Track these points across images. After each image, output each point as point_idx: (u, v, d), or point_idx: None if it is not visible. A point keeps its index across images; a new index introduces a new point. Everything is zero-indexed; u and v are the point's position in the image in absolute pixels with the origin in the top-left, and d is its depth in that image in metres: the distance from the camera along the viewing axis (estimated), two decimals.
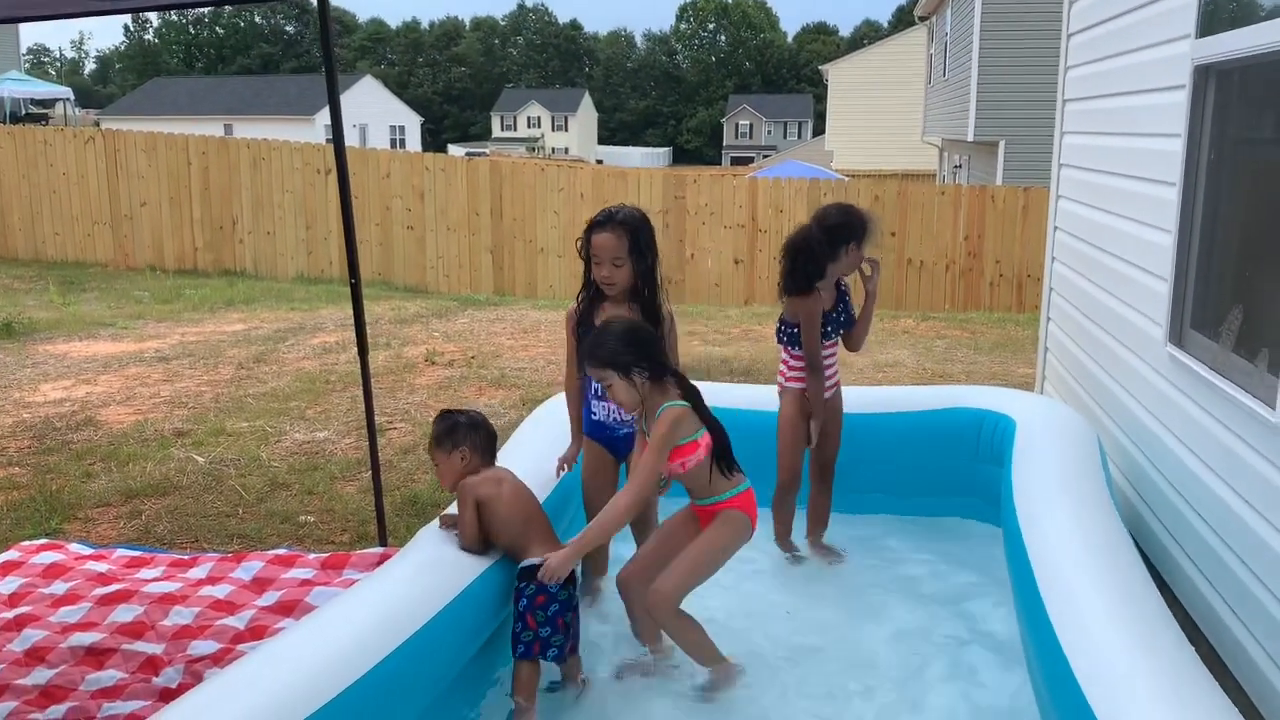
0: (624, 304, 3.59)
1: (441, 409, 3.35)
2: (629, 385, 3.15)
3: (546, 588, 3.06)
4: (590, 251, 3.55)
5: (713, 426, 3.22)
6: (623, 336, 3.17)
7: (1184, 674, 2.48)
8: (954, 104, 20.35)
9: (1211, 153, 3.68)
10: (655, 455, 3.11)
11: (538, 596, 3.06)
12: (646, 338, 3.23)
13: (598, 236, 3.52)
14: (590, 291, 3.62)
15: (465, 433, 3.25)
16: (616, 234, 3.50)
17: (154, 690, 3.28)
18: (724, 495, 3.29)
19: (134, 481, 5.48)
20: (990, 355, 9.32)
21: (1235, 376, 3.29)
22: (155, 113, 46.73)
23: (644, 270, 3.55)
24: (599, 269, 3.53)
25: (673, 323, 3.67)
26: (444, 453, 3.26)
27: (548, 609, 3.07)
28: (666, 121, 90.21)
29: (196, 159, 14.83)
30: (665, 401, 3.16)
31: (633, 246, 3.52)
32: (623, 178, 14.50)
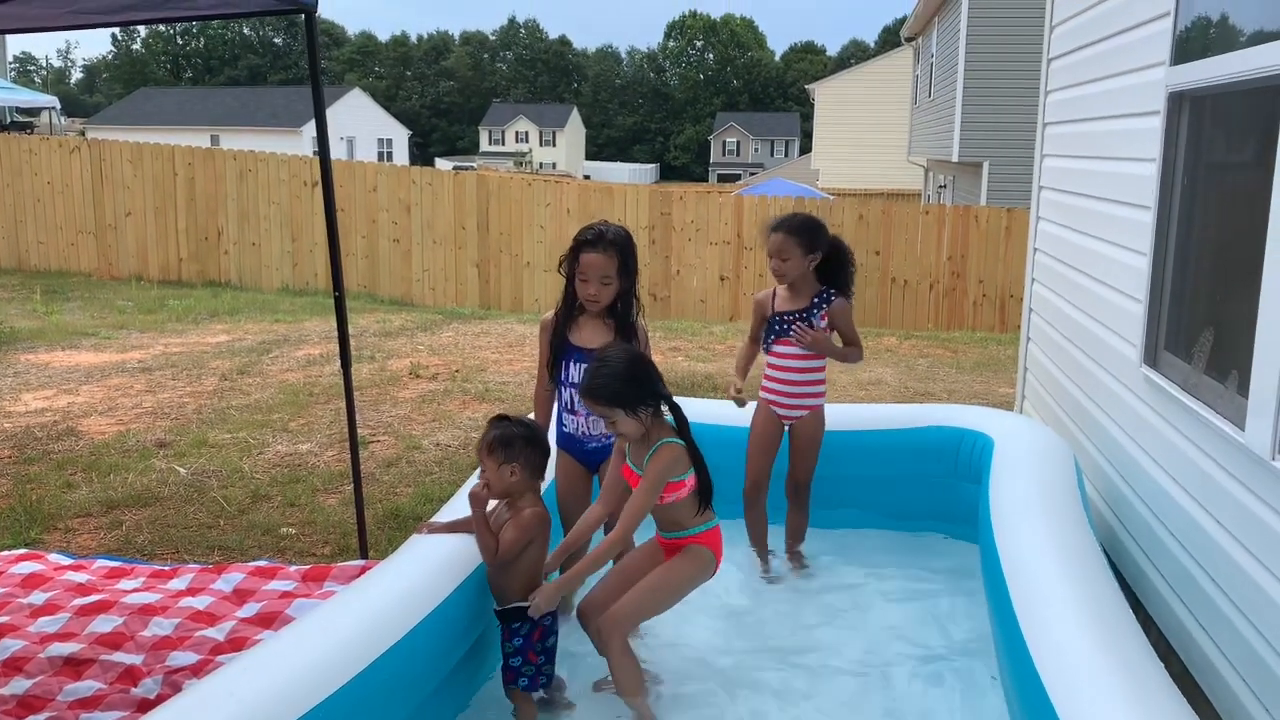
0: (601, 319, 3.62)
1: (498, 414, 3.21)
2: (634, 420, 3.13)
3: (543, 621, 3.09)
4: (578, 269, 3.58)
5: (699, 466, 3.22)
6: (625, 376, 3.13)
7: (1153, 690, 2.51)
8: (939, 124, 20.52)
9: (1185, 177, 3.75)
10: (649, 493, 3.12)
11: (534, 633, 3.08)
12: (648, 372, 3.20)
13: (588, 256, 3.54)
14: (569, 305, 3.65)
15: (521, 448, 3.09)
16: (608, 254, 3.53)
17: (132, 701, 3.27)
18: (693, 530, 3.30)
19: (115, 492, 5.47)
20: (972, 374, 9.39)
21: (1207, 398, 3.34)
22: (141, 123, 46.62)
23: (626, 287, 3.59)
24: (586, 287, 3.56)
25: (646, 338, 3.71)
26: (495, 461, 3.09)
27: (546, 640, 3.11)
28: (654, 138, 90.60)
29: (182, 169, 14.82)
30: (662, 437, 3.16)
31: (621, 267, 3.56)
32: (609, 193, 14.56)
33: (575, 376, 3.64)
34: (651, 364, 3.27)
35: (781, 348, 4.22)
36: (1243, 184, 3.35)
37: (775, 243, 4.13)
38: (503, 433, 3.11)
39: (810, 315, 4.20)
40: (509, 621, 3.11)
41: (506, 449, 3.08)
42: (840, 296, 4.24)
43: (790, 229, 4.13)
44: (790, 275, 4.16)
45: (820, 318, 4.19)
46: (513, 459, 3.08)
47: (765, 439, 4.23)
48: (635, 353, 3.32)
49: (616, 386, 3.11)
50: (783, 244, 4.12)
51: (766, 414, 4.25)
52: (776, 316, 4.23)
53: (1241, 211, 3.32)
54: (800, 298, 4.22)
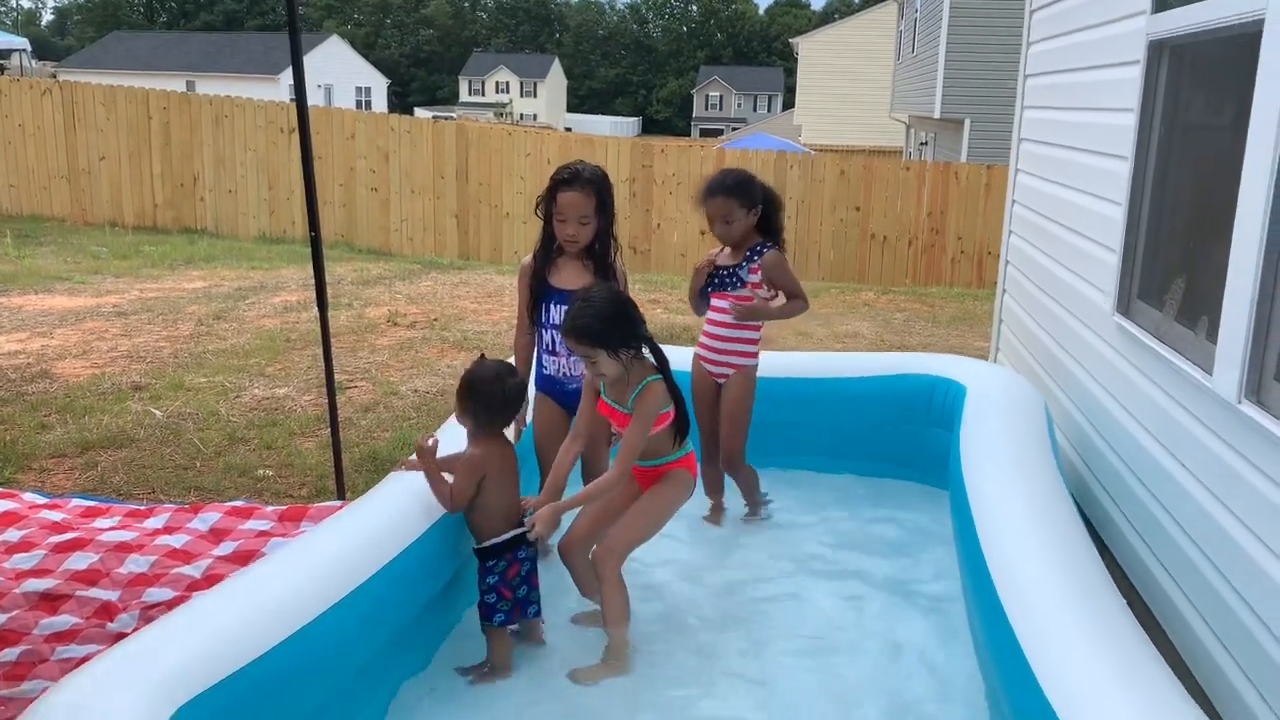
0: (580, 260, 3.62)
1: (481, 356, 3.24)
2: (615, 361, 3.14)
3: (517, 556, 3.12)
4: (555, 210, 3.55)
5: (677, 399, 3.27)
6: (609, 316, 3.13)
7: (1116, 629, 2.57)
8: (922, 80, 20.43)
9: (1162, 127, 3.77)
10: (642, 431, 3.16)
11: (510, 569, 3.12)
12: (631, 312, 3.19)
13: (565, 195, 3.52)
14: (548, 247, 3.64)
15: (468, 398, 3.13)
16: (585, 192, 3.51)
17: (109, 635, 3.28)
18: (672, 457, 3.35)
19: (90, 433, 5.45)
20: (948, 328, 9.45)
21: (1177, 344, 3.38)
22: (114, 67, 45.74)
23: (604, 228, 3.58)
24: (564, 227, 3.54)
25: (625, 278, 3.70)
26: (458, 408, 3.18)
27: (522, 571, 3.14)
28: (636, 91, 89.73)
29: (157, 114, 14.59)
30: (646, 375, 3.19)
31: (599, 205, 3.54)
32: (590, 144, 14.46)
33: (556, 318, 3.64)
34: (634, 305, 3.26)
35: (717, 300, 4.10)
36: (1218, 134, 3.37)
37: (717, 207, 3.97)
38: (461, 380, 3.18)
39: (738, 271, 4.05)
40: (485, 559, 3.14)
41: (458, 397, 3.17)
42: (773, 249, 4.06)
43: (728, 189, 3.98)
44: (735, 236, 4.01)
45: (751, 271, 4.02)
46: (462, 407, 3.16)
47: (699, 395, 4.16)
48: (618, 293, 3.32)
49: (600, 327, 3.11)
50: (724, 206, 3.96)
51: (698, 370, 4.20)
52: (718, 270, 4.10)
53: (1216, 161, 3.34)
54: (739, 252, 4.07)
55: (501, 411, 3.18)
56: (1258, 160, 2.77)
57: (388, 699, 2.97)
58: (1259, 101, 2.79)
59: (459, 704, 3.00)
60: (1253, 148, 2.81)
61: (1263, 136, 2.74)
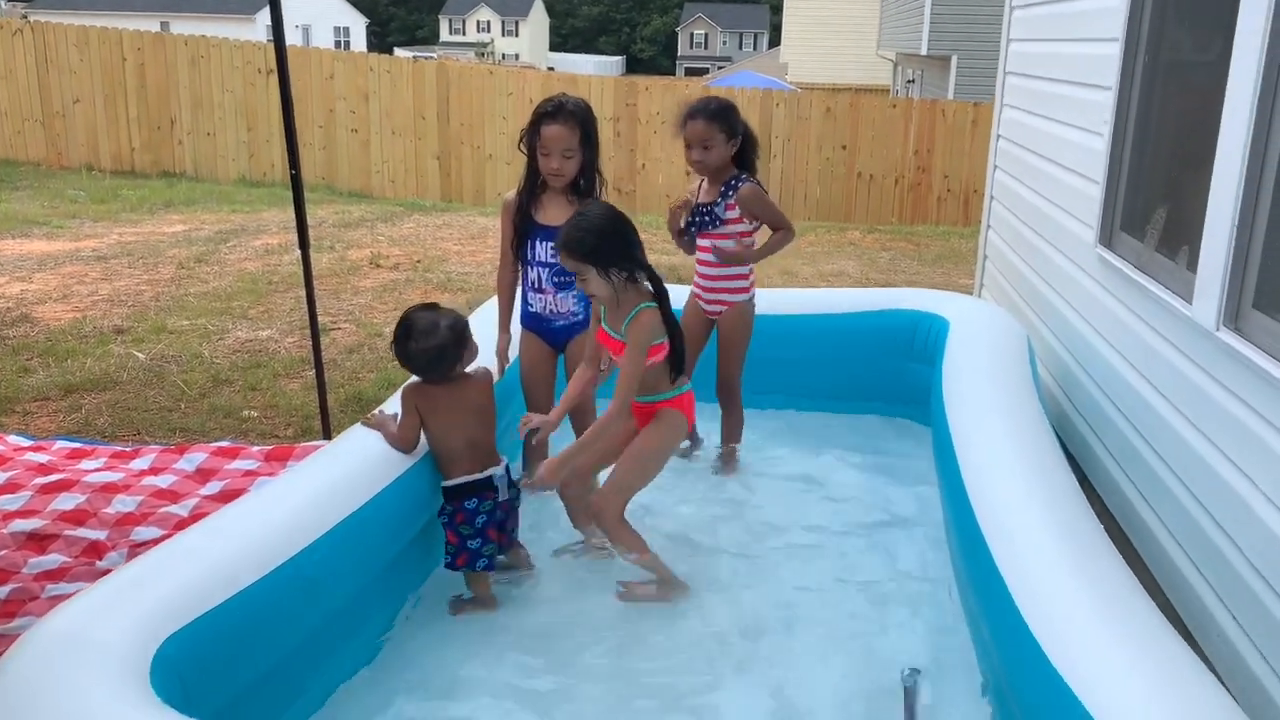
0: (565, 196, 3.59)
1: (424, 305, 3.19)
2: (605, 281, 3.07)
3: (464, 506, 3.10)
4: (539, 143, 3.50)
5: (673, 331, 3.19)
6: (603, 231, 3.06)
7: (1095, 556, 2.61)
8: (909, 17, 20.18)
9: (1146, 57, 3.74)
10: (637, 360, 3.09)
11: (457, 515, 3.11)
12: (625, 231, 3.12)
13: (549, 128, 3.47)
14: (532, 183, 3.61)
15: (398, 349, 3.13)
16: (569, 125, 3.46)
17: (97, 573, 3.29)
18: (667, 395, 3.30)
19: (73, 376, 5.43)
20: (933, 267, 9.46)
21: (1158, 275, 3.40)
22: (86, 7, 44.64)
23: (589, 162, 3.54)
24: (548, 161, 3.50)
25: None
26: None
27: (474, 522, 3.10)
28: (620, 29, 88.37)
29: (132, 55, 14.30)
30: (641, 301, 3.12)
31: (583, 138, 3.50)
32: (573, 84, 14.28)
33: (542, 255, 3.61)
34: (631, 227, 3.16)
35: (702, 240, 4.04)
36: (1201, 64, 3.35)
37: (697, 131, 3.87)
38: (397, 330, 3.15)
39: (714, 209, 3.97)
40: (445, 498, 3.14)
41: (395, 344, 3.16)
42: (749, 181, 3.96)
43: (710, 114, 3.86)
44: (713, 164, 3.92)
45: (727, 208, 3.94)
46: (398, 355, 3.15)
47: (690, 330, 4.03)
48: (617, 212, 3.21)
49: (593, 241, 3.04)
50: (705, 131, 3.86)
51: (693, 306, 4.16)
52: (697, 208, 4.01)
53: (1199, 91, 3.32)
54: (715, 188, 3.99)
55: (419, 368, 3.12)
56: (1239, 89, 2.76)
57: (375, 632, 3.01)
58: (1241, 30, 2.78)
59: (442, 637, 3.04)
60: (1235, 76, 2.80)
61: (1245, 65, 2.73)
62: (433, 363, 3.10)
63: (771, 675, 2.86)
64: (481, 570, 3.16)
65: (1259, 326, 2.69)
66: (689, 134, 3.90)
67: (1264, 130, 2.67)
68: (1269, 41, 2.62)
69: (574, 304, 3.67)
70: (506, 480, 3.19)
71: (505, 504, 3.20)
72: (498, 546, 3.17)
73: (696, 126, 3.88)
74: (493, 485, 3.14)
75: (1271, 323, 2.64)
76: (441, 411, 3.14)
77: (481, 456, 3.16)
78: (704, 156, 3.90)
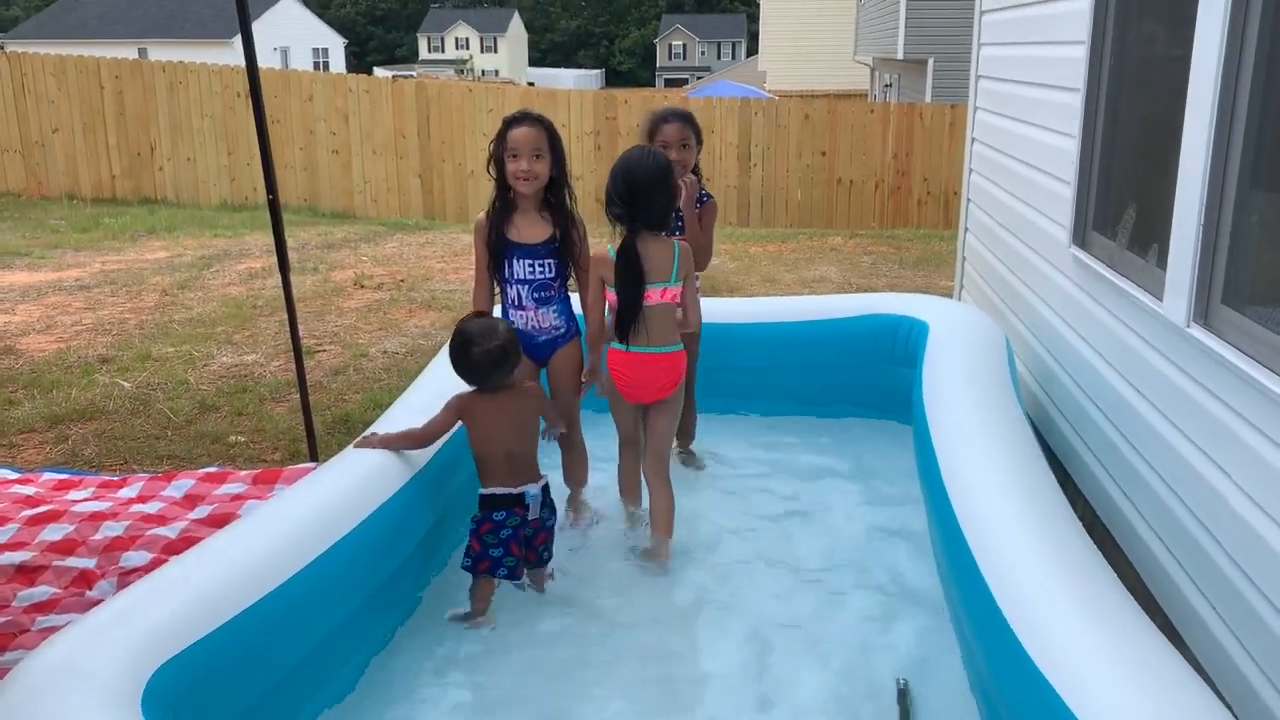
0: (537, 212, 3.61)
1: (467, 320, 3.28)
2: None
3: (491, 516, 3.14)
4: (506, 148, 3.52)
5: (621, 293, 3.42)
6: (624, 175, 3.39)
7: (1071, 547, 2.65)
8: (884, 21, 20.32)
9: (1112, 59, 3.80)
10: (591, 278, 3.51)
11: (484, 524, 3.15)
12: (646, 184, 3.37)
13: (515, 130, 3.51)
14: (503, 200, 3.62)
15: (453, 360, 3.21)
16: (535, 128, 3.51)
17: (88, 603, 3.31)
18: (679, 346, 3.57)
19: (58, 407, 5.43)
20: (914, 270, 9.52)
21: (1130, 273, 3.45)
22: (63, 36, 44.64)
23: (559, 172, 3.57)
24: (518, 163, 3.49)
25: (584, 228, 3.70)
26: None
27: (499, 533, 3.14)
28: (599, 42, 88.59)
29: (110, 83, 14.30)
30: (609, 245, 3.44)
31: (550, 142, 3.53)
32: (553, 99, 14.33)
33: (521, 273, 3.63)
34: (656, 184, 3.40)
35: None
36: (1165, 64, 3.40)
37: (676, 132, 3.98)
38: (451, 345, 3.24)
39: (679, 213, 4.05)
40: (479, 506, 3.19)
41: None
42: (711, 198, 4.15)
43: (686, 118, 4.03)
44: (690, 165, 4.03)
45: (696, 216, 4.07)
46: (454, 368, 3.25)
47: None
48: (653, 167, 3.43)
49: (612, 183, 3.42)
50: (683, 132, 3.99)
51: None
52: None
53: (1164, 91, 3.38)
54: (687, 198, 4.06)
55: (482, 374, 3.19)
56: (1200, 89, 2.81)
57: (366, 655, 3.01)
58: (1200, 31, 2.83)
59: (435, 659, 3.05)
60: (1195, 77, 2.86)
61: (1205, 65, 2.79)
62: (496, 364, 3.16)
63: (758, 688, 2.88)
64: (502, 578, 3.19)
65: (1228, 322, 2.74)
66: (670, 133, 3.99)
67: (1225, 128, 2.72)
68: (1226, 41, 2.67)
69: (555, 319, 3.70)
70: (540, 499, 3.22)
71: (535, 522, 3.22)
72: (519, 561, 3.19)
73: (675, 127, 3.99)
74: (524, 502, 3.17)
75: (1240, 318, 2.69)
76: (485, 420, 3.20)
77: (519, 470, 3.21)
78: (683, 156, 3.99)
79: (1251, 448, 2.59)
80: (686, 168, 4.04)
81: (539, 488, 3.23)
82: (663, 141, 3.98)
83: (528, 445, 3.28)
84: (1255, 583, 2.57)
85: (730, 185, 13.70)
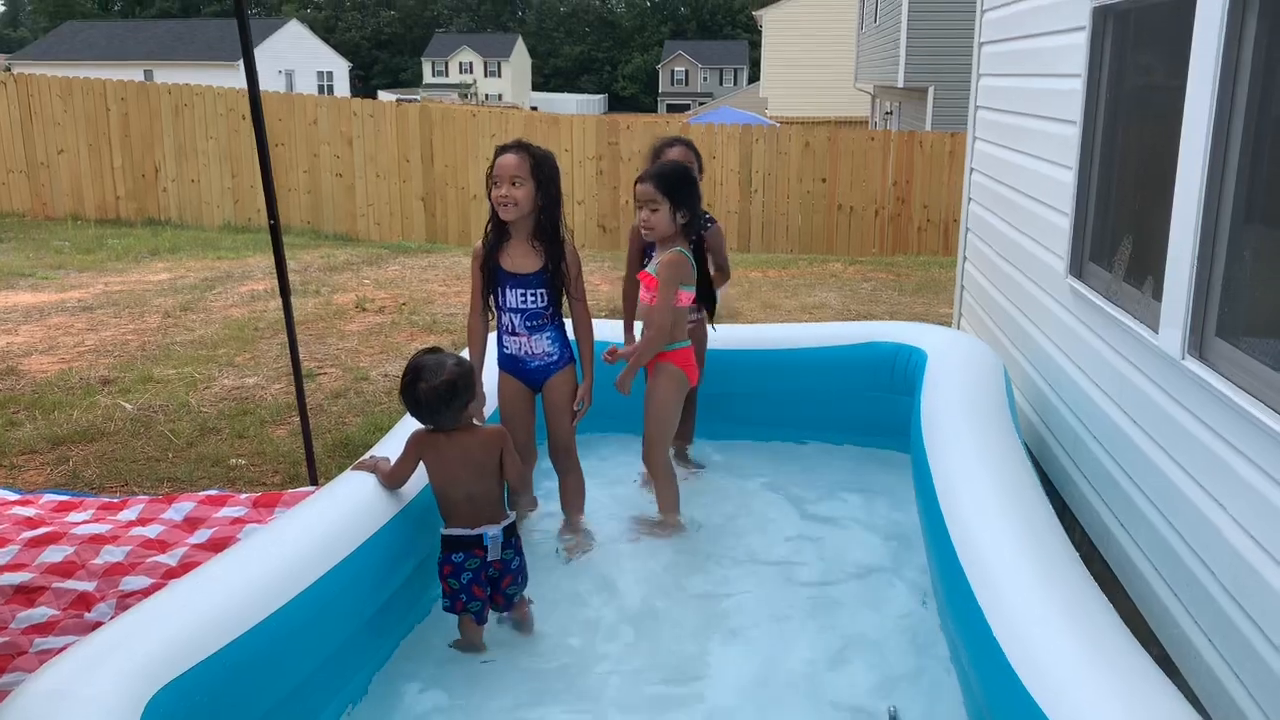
0: (529, 242, 3.64)
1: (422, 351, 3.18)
2: (670, 219, 3.71)
3: (450, 558, 3.08)
4: (491, 175, 3.58)
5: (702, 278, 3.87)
6: (684, 175, 3.76)
7: (1067, 577, 2.66)
8: (885, 50, 20.47)
9: (1108, 92, 3.84)
10: (669, 290, 3.72)
11: (445, 566, 3.11)
12: (696, 184, 3.82)
13: (500, 159, 3.57)
14: (495, 229, 3.66)
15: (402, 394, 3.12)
16: (519, 156, 3.56)
17: (86, 625, 3.31)
18: (667, 348, 3.80)
19: (60, 429, 5.44)
20: (914, 296, 9.55)
21: (1126, 304, 3.48)
22: (70, 58, 44.96)
23: (547, 203, 3.59)
24: (497, 189, 3.54)
25: (578, 259, 3.74)
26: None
27: (459, 576, 3.09)
28: (602, 68, 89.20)
29: (115, 105, 14.42)
30: (677, 245, 3.75)
31: (535, 170, 3.56)
32: (555, 124, 14.43)
33: (513, 302, 3.67)
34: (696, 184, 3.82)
35: None
36: (1160, 98, 3.45)
37: (680, 156, 4.14)
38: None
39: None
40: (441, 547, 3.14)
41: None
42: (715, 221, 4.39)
43: (688, 144, 4.24)
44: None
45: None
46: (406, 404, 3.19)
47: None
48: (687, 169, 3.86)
49: (676, 181, 3.72)
50: (685, 156, 4.16)
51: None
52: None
53: (1159, 125, 3.42)
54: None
55: (431, 411, 3.09)
56: (1195, 123, 2.85)
57: (367, 678, 3.02)
58: (1194, 66, 2.87)
59: (434, 680, 3.06)
60: (1190, 111, 2.89)
61: (1199, 100, 2.82)
62: (444, 401, 3.04)
63: (749, 717, 2.88)
64: (473, 617, 3.15)
65: (1222, 355, 2.76)
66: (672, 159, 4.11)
67: (1219, 162, 2.76)
68: (1220, 76, 2.71)
69: (549, 345, 3.73)
70: (501, 540, 3.13)
71: (498, 564, 3.14)
72: (484, 603, 3.14)
73: (679, 151, 4.19)
74: (483, 544, 3.10)
75: (1234, 351, 2.71)
76: (444, 462, 3.13)
77: (479, 512, 3.13)
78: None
79: (1245, 480, 2.61)
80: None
81: (500, 528, 3.14)
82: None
83: (489, 487, 3.17)
84: (1250, 615, 2.58)
85: (731, 211, 13.77)
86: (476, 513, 3.13)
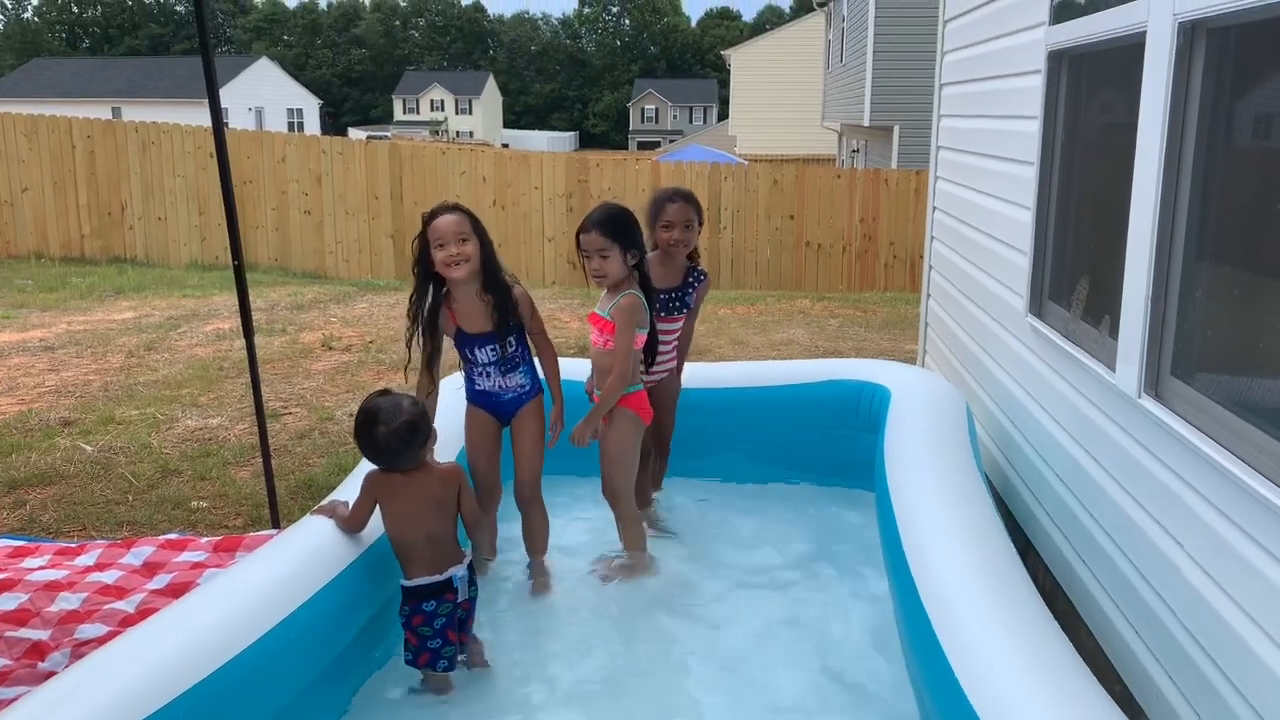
0: (479, 299, 3.61)
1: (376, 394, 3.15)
2: (622, 262, 3.63)
3: (422, 608, 3.03)
4: (432, 240, 3.52)
5: (652, 323, 3.79)
6: (630, 219, 3.69)
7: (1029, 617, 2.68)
8: (851, 89, 20.78)
9: (1064, 133, 3.92)
10: (627, 333, 3.65)
11: (415, 617, 3.05)
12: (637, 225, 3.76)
13: (436, 222, 3.53)
14: (432, 285, 3.63)
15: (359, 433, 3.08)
16: (454, 214, 3.55)
17: (40, 675, 3.25)
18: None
19: (17, 472, 5.36)
20: (881, 333, 9.63)
21: (1084, 343, 3.52)
22: (37, 95, 44.79)
23: (488, 254, 3.59)
24: (445, 250, 3.49)
25: (530, 301, 3.73)
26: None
27: (433, 624, 3.04)
28: (573, 105, 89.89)
29: (81, 143, 14.34)
30: (630, 288, 3.66)
31: (475, 226, 3.57)
32: (525, 161, 14.48)
33: (484, 358, 3.68)
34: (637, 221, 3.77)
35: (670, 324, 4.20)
36: (1113, 140, 3.51)
37: (681, 212, 4.10)
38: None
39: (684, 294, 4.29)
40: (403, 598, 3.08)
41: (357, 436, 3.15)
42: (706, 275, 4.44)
43: (689, 198, 4.15)
44: (692, 245, 4.23)
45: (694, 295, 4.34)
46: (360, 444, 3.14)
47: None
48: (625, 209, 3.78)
49: (625, 226, 3.64)
50: (687, 212, 4.11)
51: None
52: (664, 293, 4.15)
53: (1112, 166, 3.48)
54: (675, 275, 4.22)
55: (391, 454, 3.04)
56: (1146, 165, 2.91)
57: None
58: (1145, 108, 2.93)
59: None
60: (1141, 151, 2.95)
61: (1150, 140, 2.88)
62: (404, 443, 3.01)
63: None
64: (442, 671, 3.11)
65: (1177, 394, 2.80)
66: (674, 215, 4.10)
67: (1170, 202, 2.81)
68: (1169, 119, 2.77)
69: (522, 378, 3.74)
70: (467, 579, 3.12)
71: (466, 603, 3.13)
72: (457, 647, 3.12)
73: (679, 208, 4.11)
74: (453, 587, 3.07)
75: (1188, 389, 2.75)
76: (401, 500, 3.08)
77: (442, 554, 3.08)
78: (685, 235, 4.14)
79: (1201, 518, 2.63)
80: (688, 247, 4.19)
81: (464, 567, 3.11)
82: (667, 221, 4.10)
83: (448, 526, 3.13)
84: (1208, 652, 2.60)
85: (701, 248, 13.83)
86: (438, 555, 3.08)
